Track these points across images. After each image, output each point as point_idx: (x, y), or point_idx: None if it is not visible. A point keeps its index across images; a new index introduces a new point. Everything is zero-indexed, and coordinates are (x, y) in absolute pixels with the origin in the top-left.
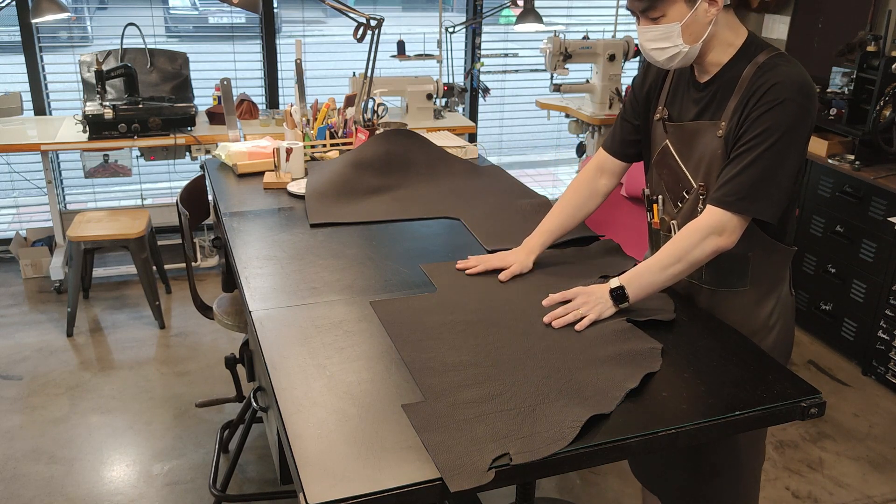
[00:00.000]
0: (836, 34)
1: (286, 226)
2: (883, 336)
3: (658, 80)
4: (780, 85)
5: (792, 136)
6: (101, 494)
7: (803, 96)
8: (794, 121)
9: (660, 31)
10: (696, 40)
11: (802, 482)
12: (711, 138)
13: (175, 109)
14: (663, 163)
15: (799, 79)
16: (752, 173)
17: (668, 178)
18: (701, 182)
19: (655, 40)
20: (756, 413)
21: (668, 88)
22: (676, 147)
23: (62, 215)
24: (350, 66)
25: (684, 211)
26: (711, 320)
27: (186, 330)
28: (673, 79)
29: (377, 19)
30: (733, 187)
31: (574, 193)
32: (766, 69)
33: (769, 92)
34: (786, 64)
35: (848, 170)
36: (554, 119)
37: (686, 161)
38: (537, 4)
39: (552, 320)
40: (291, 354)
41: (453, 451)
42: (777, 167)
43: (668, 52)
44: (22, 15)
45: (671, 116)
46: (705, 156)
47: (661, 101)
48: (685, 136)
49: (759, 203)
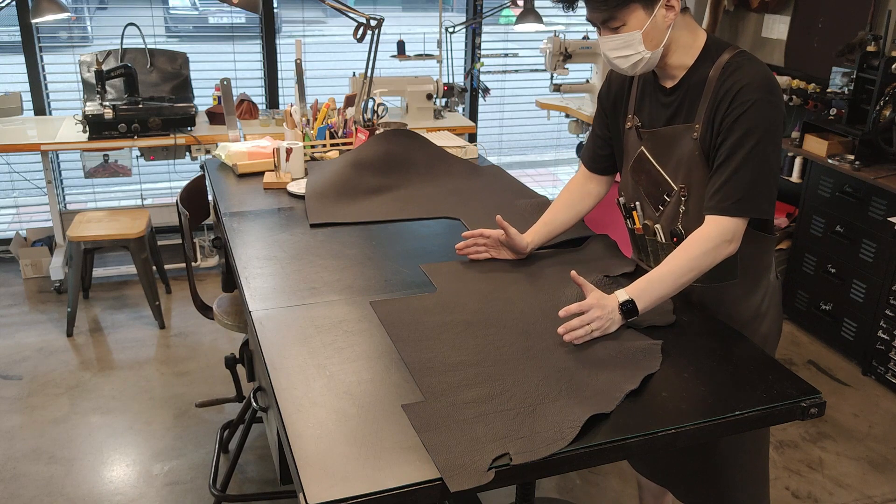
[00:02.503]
0: (836, 34)
1: (286, 226)
2: (883, 336)
3: (623, 89)
4: (748, 86)
5: (770, 133)
6: (101, 494)
7: (771, 93)
8: (769, 118)
9: (621, 40)
10: (657, 46)
11: (802, 482)
12: (688, 141)
13: (175, 109)
14: (640, 169)
15: (764, 77)
16: (744, 176)
17: (647, 183)
18: (681, 184)
19: (618, 49)
20: (756, 413)
21: (634, 96)
22: (653, 153)
23: (62, 215)
24: (350, 66)
25: (667, 213)
26: (711, 320)
27: (186, 330)
28: (638, 86)
29: (377, 19)
30: (729, 192)
31: (567, 194)
32: (731, 70)
33: (739, 94)
34: (748, 63)
35: (848, 170)
36: (554, 119)
37: (664, 165)
38: (537, 4)
39: (566, 332)
40: (291, 354)
41: (453, 451)
42: (763, 165)
43: (631, 59)
44: (22, 15)
45: (643, 123)
46: (683, 158)
47: (630, 109)
48: (661, 141)
49: (759, 202)
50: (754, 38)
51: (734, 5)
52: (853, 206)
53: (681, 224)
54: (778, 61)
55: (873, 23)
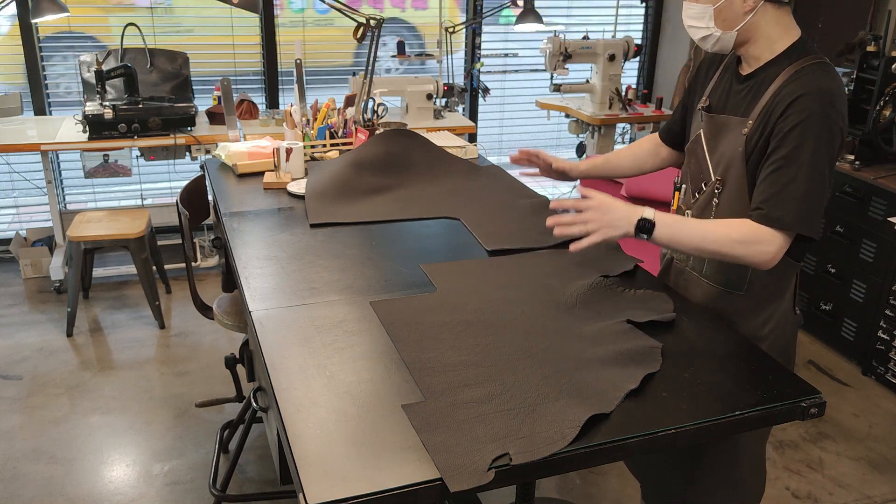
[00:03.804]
0: (836, 34)
1: (286, 226)
2: (883, 336)
3: (709, 70)
4: (808, 96)
5: (825, 149)
6: (101, 494)
7: (832, 108)
8: (826, 134)
9: (695, 10)
10: (731, 28)
11: (802, 482)
12: (737, 134)
13: (175, 109)
14: (693, 151)
15: (828, 89)
16: (798, 189)
17: (694, 167)
18: (719, 176)
19: (691, 18)
20: (756, 413)
21: (715, 79)
22: (707, 137)
23: (62, 215)
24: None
25: (700, 203)
26: (711, 320)
27: (186, 330)
28: (721, 70)
29: (377, 19)
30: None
31: (637, 147)
32: (798, 76)
33: (797, 102)
34: (818, 72)
35: (848, 170)
36: (554, 119)
37: (711, 153)
38: (537, 4)
39: (555, 225)
40: (291, 354)
41: (453, 451)
42: (817, 181)
43: (700, 31)
44: (22, 15)
45: (710, 106)
46: (727, 151)
47: (706, 91)
48: (715, 127)
49: (812, 222)
50: None
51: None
52: (853, 206)
53: (713, 217)
54: None
55: (873, 23)
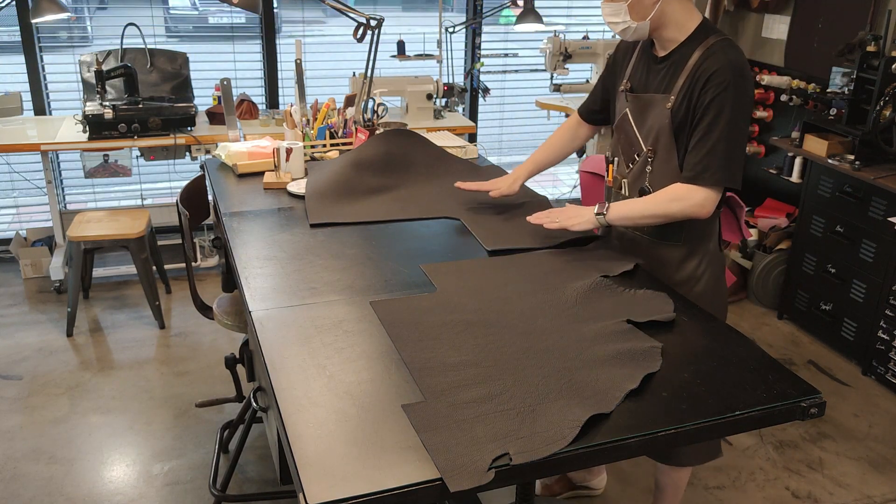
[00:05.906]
0: (836, 34)
1: (286, 226)
2: (883, 336)
3: (626, 55)
4: (722, 70)
5: (740, 113)
6: (101, 494)
7: (742, 77)
8: (740, 100)
9: (612, 8)
10: (643, 18)
11: (802, 482)
12: (661, 109)
13: (175, 109)
14: (621, 128)
15: (736, 62)
16: (719, 151)
17: (624, 142)
18: (650, 147)
19: (609, 15)
20: (756, 413)
21: (633, 63)
22: (633, 115)
23: (62, 215)
24: (350, 66)
25: (635, 171)
26: (711, 320)
27: (186, 330)
28: (638, 54)
29: (377, 19)
30: (708, 165)
31: (559, 136)
32: (710, 54)
33: (713, 76)
34: (726, 48)
35: (848, 170)
36: (554, 119)
37: (640, 128)
38: (537, 4)
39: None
40: (291, 354)
41: (453, 451)
42: (736, 141)
43: (619, 26)
44: (22, 15)
45: (632, 88)
46: (655, 124)
47: (626, 74)
48: (641, 105)
49: (735, 175)
50: (754, 38)
51: (734, 5)
52: (853, 206)
53: (647, 182)
54: (778, 61)
55: (873, 23)
